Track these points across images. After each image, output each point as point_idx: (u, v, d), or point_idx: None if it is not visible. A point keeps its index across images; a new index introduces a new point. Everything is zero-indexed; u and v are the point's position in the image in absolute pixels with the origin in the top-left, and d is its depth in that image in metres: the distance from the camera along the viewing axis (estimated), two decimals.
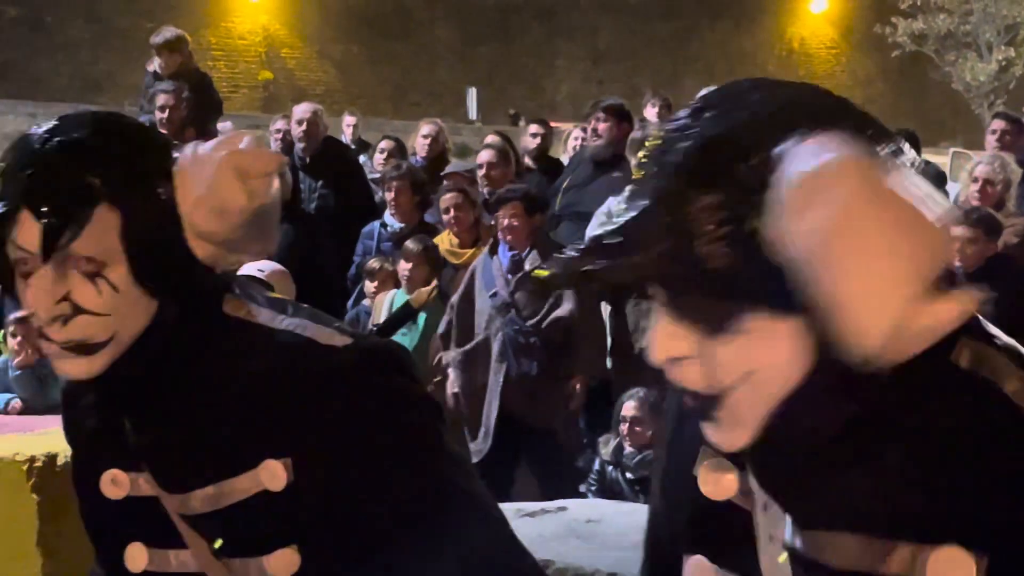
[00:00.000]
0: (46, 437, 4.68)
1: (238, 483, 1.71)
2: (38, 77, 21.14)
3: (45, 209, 1.61)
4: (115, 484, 1.80)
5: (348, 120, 10.78)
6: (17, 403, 6.38)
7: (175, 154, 1.71)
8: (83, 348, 1.69)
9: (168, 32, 8.70)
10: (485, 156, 7.68)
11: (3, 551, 4.28)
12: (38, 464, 4.31)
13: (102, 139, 1.67)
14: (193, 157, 1.69)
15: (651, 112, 9.51)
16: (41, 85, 20.51)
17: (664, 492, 1.54)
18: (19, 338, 6.38)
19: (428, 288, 6.54)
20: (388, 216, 7.39)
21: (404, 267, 6.78)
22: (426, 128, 8.65)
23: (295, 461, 1.69)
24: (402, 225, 7.28)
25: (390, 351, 1.77)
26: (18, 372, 6.44)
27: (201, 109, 8.12)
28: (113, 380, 1.72)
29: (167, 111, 7.75)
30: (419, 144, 8.55)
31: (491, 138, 8.48)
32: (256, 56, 23.20)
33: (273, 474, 1.69)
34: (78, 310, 1.66)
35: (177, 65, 8.46)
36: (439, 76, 23.45)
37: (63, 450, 4.37)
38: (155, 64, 8.62)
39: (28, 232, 1.63)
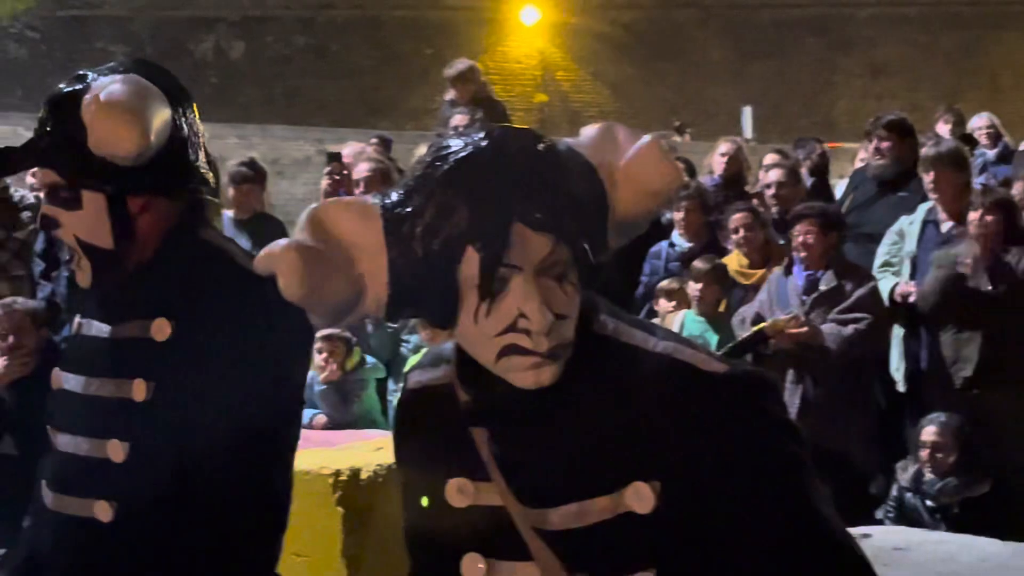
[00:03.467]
0: (350, 452, 4.85)
1: (602, 503, 1.71)
2: (324, 103, 21.96)
3: (540, 217, 1.63)
4: (461, 492, 1.81)
5: None
6: (321, 418, 6.61)
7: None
8: (558, 353, 1.69)
9: (460, 64, 9.05)
10: (774, 175, 7.57)
11: (310, 562, 4.45)
12: (343, 478, 4.47)
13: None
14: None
15: (943, 128, 9.22)
16: (327, 110, 21.29)
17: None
18: (324, 354, 6.62)
19: (786, 317, 6.25)
20: (676, 236, 7.36)
21: (694, 287, 6.75)
22: (724, 147, 8.49)
23: (664, 485, 1.68)
24: (691, 244, 7.25)
25: (765, 379, 1.75)
26: (323, 387, 6.68)
27: None
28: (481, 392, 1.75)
29: (460, 130, 7.93)
30: (716, 162, 8.43)
31: (771, 157, 8.36)
32: (532, 79, 23.53)
33: (641, 496, 1.69)
34: (558, 316, 1.68)
35: (471, 94, 8.79)
36: (712, 94, 23.29)
37: (366, 464, 4.52)
38: (451, 94, 8.97)
39: (526, 246, 1.63)
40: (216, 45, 22.79)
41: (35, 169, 2.59)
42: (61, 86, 2.43)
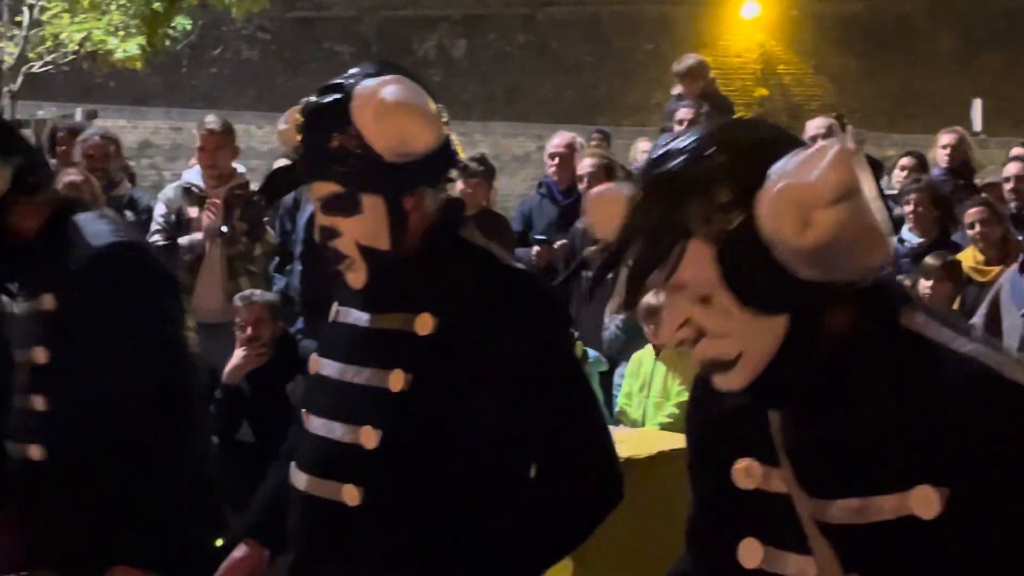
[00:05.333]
0: None
1: (885, 502, 1.68)
2: (544, 99, 22.12)
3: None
4: (748, 474, 1.81)
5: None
6: None
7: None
8: (717, 365, 1.75)
9: (689, 59, 9.02)
10: (1014, 168, 7.33)
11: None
12: None
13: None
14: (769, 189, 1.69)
15: None
16: (546, 107, 21.44)
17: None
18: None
19: None
20: (906, 231, 7.19)
21: (924, 284, 6.56)
22: (945, 138, 8.27)
23: (952, 492, 1.64)
24: (921, 240, 7.07)
25: None
26: None
27: None
28: (775, 377, 1.76)
29: (685, 124, 7.89)
30: (939, 155, 8.20)
31: (1018, 150, 8.07)
32: (752, 73, 23.26)
33: (926, 501, 1.64)
34: (701, 332, 1.74)
35: (699, 90, 8.75)
36: (940, 87, 22.63)
37: None
38: (678, 89, 8.95)
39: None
40: (439, 43, 23.18)
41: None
42: (317, 99, 2.46)
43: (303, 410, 2.59)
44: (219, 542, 2.98)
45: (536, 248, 7.35)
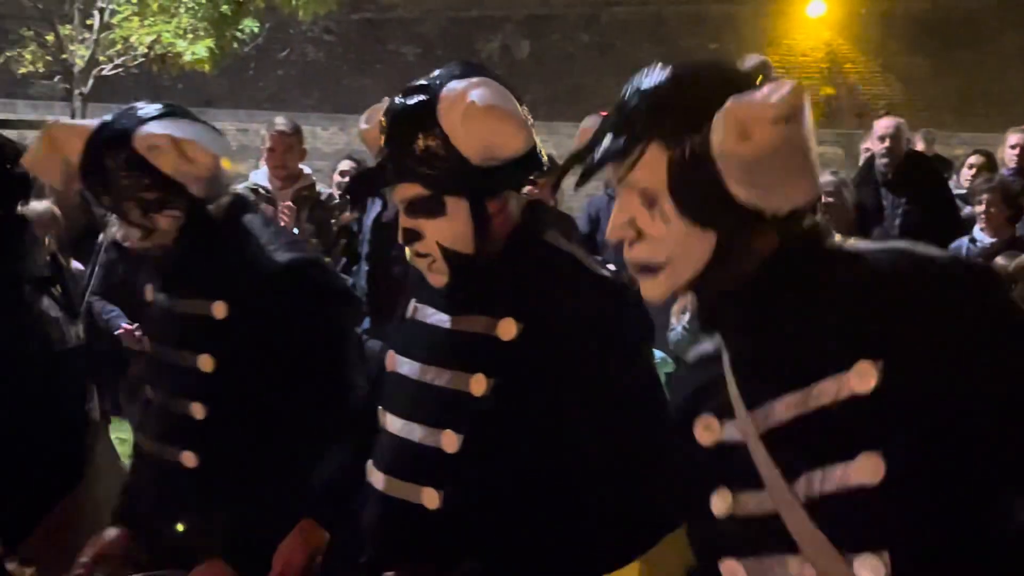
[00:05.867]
0: None
1: (826, 387, 1.74)
2: (608, 99, 21.84)
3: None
4: (707, 429, 1.90)
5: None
6: None
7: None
8: (645, 269, 1.90)
9: (753, 60, 8.92)
10: None
11: None
12: None
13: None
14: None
15: None
16: (610, 107, 21.36)
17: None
18: None
19: None
20: (977, 231, 7.11)
21: None
22: (1014, 138, 8.18)
23: (887, 364, 1.70)
24: (993, 240, 6.99)
25: (992, 271, 1.84)
26: None
27: None
28: (707, 297, 1.89)
29: None
30: (1007, 155, 8.13)
31: None
32: (818, 72, 23.09)
33: (863, 374, 1.70)
34: (639, 234, 1.89)
35: None
36: (1009, 84, 22.36)
37: None
38: None
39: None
40: (503, 44, 23.20)
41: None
42: (402, 100, 2.45)
43: (380, 408, 2.59)
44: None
45: None
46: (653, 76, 1.93)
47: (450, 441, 2.42)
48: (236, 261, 2.97)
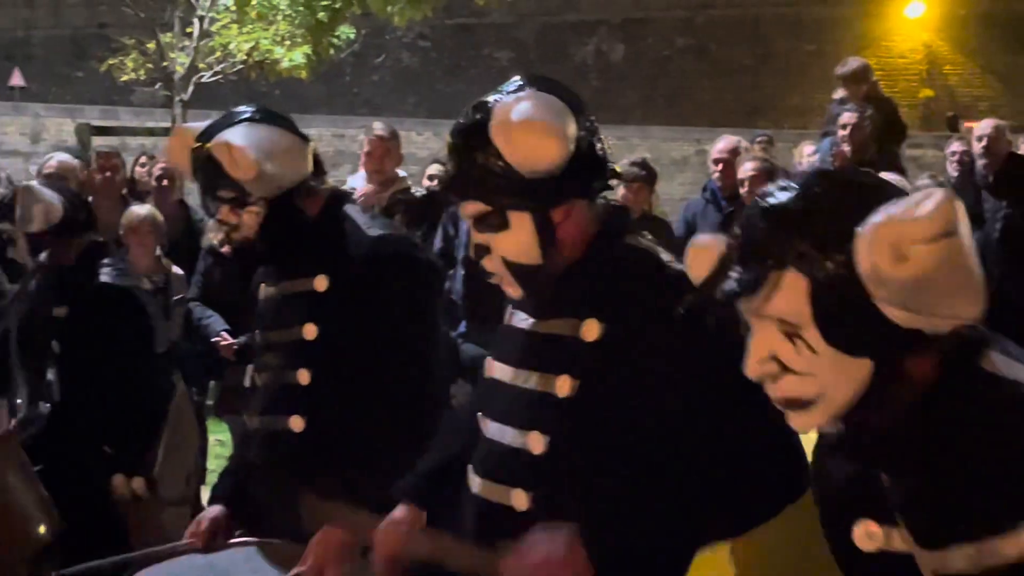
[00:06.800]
0: None
1: (1002, 545, 1.67)
2: (703, 103, 21.98)
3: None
4: (869, 537, 1.84)
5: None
6: None
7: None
8: (796, 404, 1.78)
9: (853, 63, 8.89)
10: None
11: None
12: None
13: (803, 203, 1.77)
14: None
15: None
16: (705, 110, 21.30)
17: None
18: None
19: None
20: None
21: None
22: None
23: None
24: None
25: None
26: None
27: (884, 131, 8.18)
28: (862, 435, 1.79)
29: (849, 128, 7.80)
30: None
31: None
32: (916, 74, 22.80)
33: None
34: (784, 369, 1.78)
35: (863, 93, 8.60)
36: None
37: None
38: (840, 93, 8.83)
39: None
40: (597, 48, 23.20)
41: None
42: (464, 119, 2.51)
43: (479, 413, 2.62)
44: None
45: None
46: (778, 194, 1.79)
47: (537, 442, 2.44)
48: (335, 240, 3.19)
